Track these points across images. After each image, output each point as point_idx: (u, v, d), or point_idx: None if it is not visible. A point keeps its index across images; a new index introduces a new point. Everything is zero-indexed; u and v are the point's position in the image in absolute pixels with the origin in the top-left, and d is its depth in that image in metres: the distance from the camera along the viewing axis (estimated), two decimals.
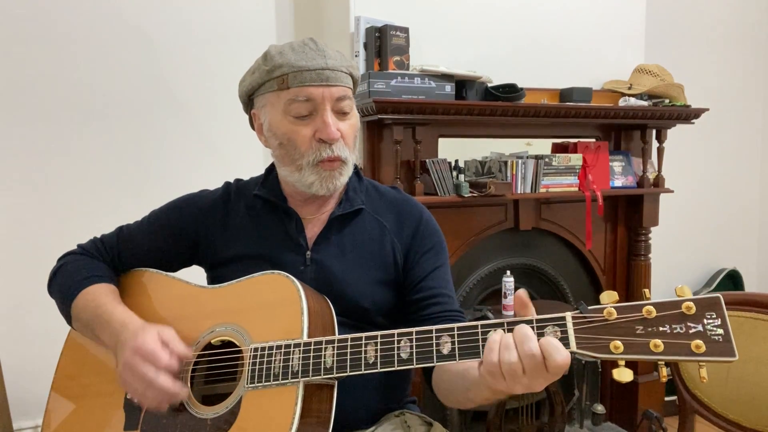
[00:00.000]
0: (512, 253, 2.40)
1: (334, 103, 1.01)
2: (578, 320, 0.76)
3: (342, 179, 1.05)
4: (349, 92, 1.04)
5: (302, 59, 1.00)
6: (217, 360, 0.99)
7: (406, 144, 2.04)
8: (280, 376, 0.89)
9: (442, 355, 0.82)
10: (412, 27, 2.04)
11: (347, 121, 1.04)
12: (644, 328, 0.73)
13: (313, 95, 1.00)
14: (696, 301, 0.73)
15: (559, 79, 2.33)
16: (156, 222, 1.17)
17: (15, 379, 1.86)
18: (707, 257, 3.14)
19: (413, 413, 1.13)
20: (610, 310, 0.74)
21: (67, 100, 2.02)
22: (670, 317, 0.73)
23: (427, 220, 1.15)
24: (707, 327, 0.72)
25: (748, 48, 3.13)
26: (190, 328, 1.01)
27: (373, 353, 0.85)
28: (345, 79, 1.03)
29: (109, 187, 2.07)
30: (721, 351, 0.70)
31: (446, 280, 1.12)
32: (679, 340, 0.72)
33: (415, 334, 0.84)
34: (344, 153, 1.03)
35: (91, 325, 1.04)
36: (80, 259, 1.14)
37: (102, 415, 1.03)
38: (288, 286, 0.95)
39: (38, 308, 1.96)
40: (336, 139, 1.01)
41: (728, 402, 1.33)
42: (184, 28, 2.14)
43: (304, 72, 0.99)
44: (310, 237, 1.10)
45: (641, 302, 0.75)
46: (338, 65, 1.01)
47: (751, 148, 3.21)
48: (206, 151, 2.19)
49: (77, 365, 1.10)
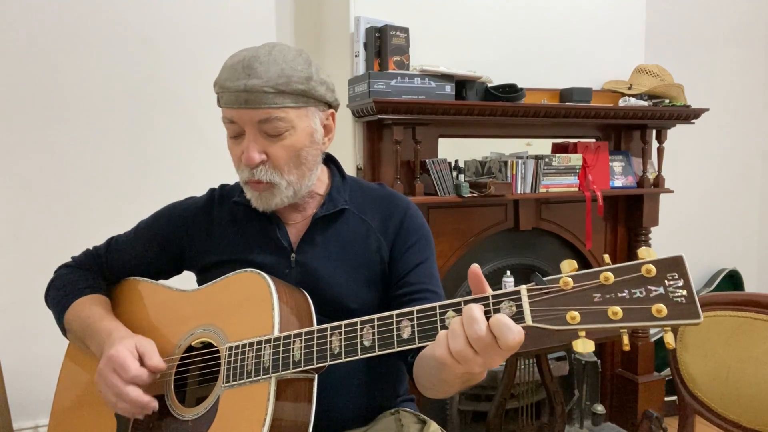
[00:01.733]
0: (512, 253, 2.40)
1: (257, 126, 0.97)
2: (533, 293, 0.72)
3: (275, 200, 1.02)
4: (276, 113, 0.96)
5: (228, 79, 0.96)
6: (198, 361, 1.01)
7: (406, 144, 2.04)
8: (253, 373, 0.89)
9: (402, 339, 0.80)
10: (412, 27, 2.04)
11: (278, 143, 0.98)
12: (602, 295, 0.69)
13: (234, 117, 0.98)
14: (656, 263, 0.68)
15: (559, 79, 2.33)
16: (142, 233, 1.19)
17: (15, 379, 1.86)
18: (707, 257, 3.14)
19: (408, 411, 1.12)
20: (566, 279, 0.70)
21: (68, 100, 2.02)
22: (630, 281, 0.68)
23: (412, 214, 1.13)
24: (669, 289, 0.67)
25: (748, 48, 3.13)
26: (173, 332, 1.03)
27: (337, 343, 0.85)
28: (271, 99, 0.95)
29: (109, 187, 2.07)
30: (684, 313, 0.66)
31: (430, 275, 1.10)
32: (639, 305, 0.67)
33: (377, 320, 0.83)
34: (269, 176, 0.99)
35: (81, 335, 1.06)
36: (73, 271, 1.17)
37: (95, 423, 1.05)
38: (259, 283, 0.96)
39: (38, 308, 1.94)
40: (255, 164, 0.98)
41: (728, 402, 1.33)
42: (184, 29, 2.14)
43: (226, 93, 0.97)
44: (293, 240, 1.09)
45: (599, 268, 0.70)
46: (260, 85, 0.94)
47: (751, 148, 3.21)
48: (206, 151, 2.19)
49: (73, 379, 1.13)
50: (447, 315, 0.77)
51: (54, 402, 1.13)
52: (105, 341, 0.98)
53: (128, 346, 0.95)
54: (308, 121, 1.01)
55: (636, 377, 2.54)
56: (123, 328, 1.02)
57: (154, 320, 1.08)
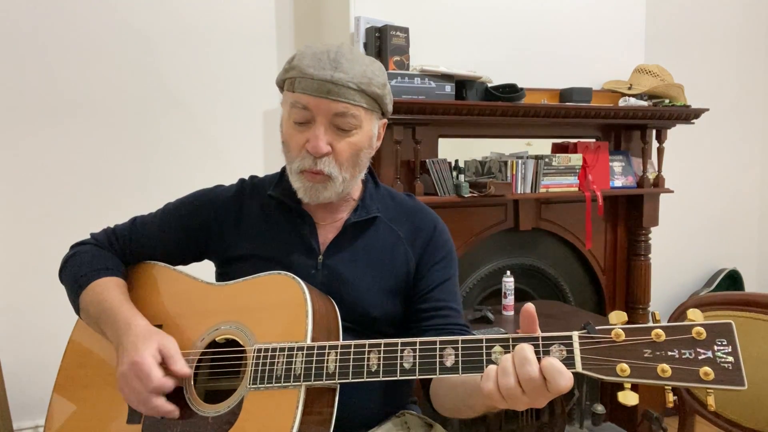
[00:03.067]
0: (512, 253, 2.40)
1: (331, 118, 0.99)
2: (585, 340, 0.74)
3: (326, 193, 1.03)
4: (353, 110, 0.99)
5: (311, 66, 0.98)
6: (221, 358, 1.00)
7: (406, 144, 2.04)
8: (282, 379, 0.89)
9: (445, 367, 0.81)
10: (412, 27, 2.04)
11: (345, 139, 1.01)
12: (652, 351, 0.71)
13: (310, 105, 0.98)
14: (707, 327, 0.71)
15: (559, 79, 2.33)
16: (170, 215, 1.17)
17: (15, 379, 1.86)
18: (707, 257, 3.14)
19: (413, 414, 1.13)
20: (618, 331, 0.73)
21: (68, 99, 2.02)
22: (680, 342, 0.71)
23: (441, 230, 1.14)
24: (717, 354, 0.70)
25: (748, 48, 3.13)
26: (196, 323, 1.02)
27: (376, 361, 0.85)
28: (352, 96, 0.98)
29: (110, 187, 2.08)
30: (730, 379, 0.69)
31: (454, 292, 1.11)
32: (688, 366, 0.70)
33: (419, 344, 0.83)
34: (329, 169, 1.00)
35: (97, 319, 1.05)
36: (91, 249, 1.14)
37: (105, 408, 1.03)
38: (294, 288, 0.96)
39: (38, 308, 1.96)
40: (321, 154, 0.99)
41: (728, 402, 1.33)
42: (184, 29, 2.14)
43: (308, 80, 0.98)
44: (323, 242, 1.09)
45: (650, 325, 0.73)
46: (345, 80, 0.97)
47: (751, 148, 3.21)
48: (206, 151, 2.19)
49: (82, 358, 1.11)
50: (494, 350, 0.78)
51: (58, 378, 1.10)
52: (123, 333, 0.97)
53: (152, 351, 0.93)
54: (371, 124, 1.05)
55: None
56: (142, 320, 1.00)
57: (175, 309, 1.06)
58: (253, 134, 2.26)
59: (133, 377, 0.92)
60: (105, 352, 1.08)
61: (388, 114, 1.10)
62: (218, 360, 1.00)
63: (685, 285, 3.12)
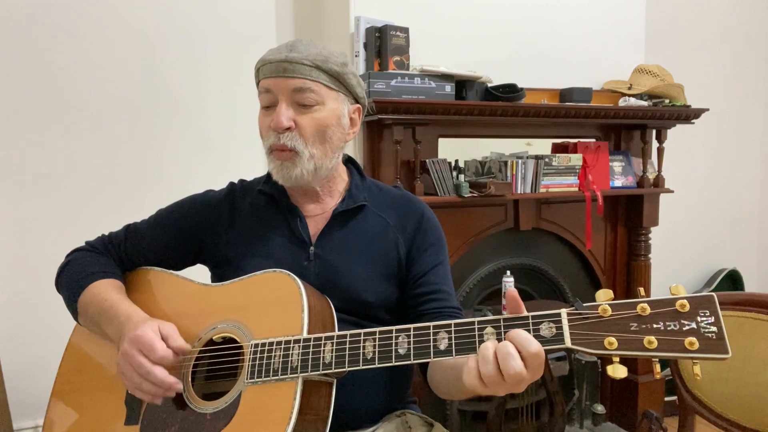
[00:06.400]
0: (512, 253, 2.40)
1: (291, 94, 1.02)
2: (573, 317, 0.77)
3: (297, 170, 1.04)
4: (311, 84, 1.02)
5: (270, 53, 1.04)
6: (218, 356, 1.00)
7: (406, 144, 2.04)
8: (280, 372, 0.90)
9: (439, 350, 0.83)
10: (412, 27, 2.04)
11: (308, 114, 1.03)
12: (638, 325, 0.74)
13: (270, 86, 1.03)
14: (690, 299, 0.74)
15: (559, 79, 2.33)
16: (162, 221, 1.19)
17: (15, 379, 1.86)
18: (707, 257, 3.14)
19: (414, 413, 1.13)
20: (605, 307, 0.76)
21: (68, 99, 2.01)
22: (664, 314, 0.74)
23: (429, 217, 1.17)
24: (701, 324, 0.72)
25: (748, 48, 3.13)
26: (193, 324, 1.02)
27: (371, 349, 0.86)
28: (308, 72, 1.02)
29: (110, 187, 2.07)
30: (714, 348, 0.71)
31: (446, 276, 1.14)
32: (673, 336, 0.73)
33: (413, 330, 0.85)
34: (293, 143, 1.03)
35: (97, 319, 1.05)
36: (88, 255, 1.16)
37: (103, 410, 1.04)
38: (289, 284, 0.97)
39: (38, 308, 1.96)
40: (283, 128, 1.02)
41: (728, 402, 1.33)
42: (184, 28, 2.14)
43: (267, 65, 1.03)
44: (313, 233, 1.11)
45: (636, 300, 0.76)
46: (299, 58, 1.01)
47: (751, 148, 3.21)
48: (206, 150, 2.19)
49: (80, 364, 1.11)
50: (485, 331, 0.80)
51: (55, 384, 1.11)
52: (124, 325, 0.98)
53: (152, 327, 0.95)
54: (338, 104, 1.07)
55: (636, 377, 2.54)
56: (142, 313, 1.02)
57: (173, 311, 1.07)
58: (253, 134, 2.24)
59: (135, 352, 0.92)
60: (103, 358, 1.08)
61: (361, 98, 1.12)
62: (216, 358, 1.00)
63: (685, 285, 3.09)
